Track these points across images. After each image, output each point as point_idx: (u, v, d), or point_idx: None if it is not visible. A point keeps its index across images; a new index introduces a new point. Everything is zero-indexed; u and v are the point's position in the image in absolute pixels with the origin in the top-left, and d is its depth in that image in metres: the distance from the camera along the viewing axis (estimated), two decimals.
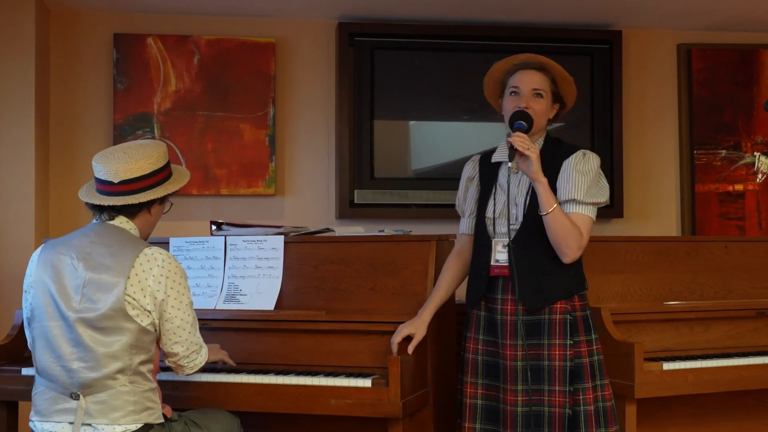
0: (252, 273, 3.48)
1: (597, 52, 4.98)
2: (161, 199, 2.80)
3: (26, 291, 2.76)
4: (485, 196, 3.06)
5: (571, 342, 2.93)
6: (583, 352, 2.95)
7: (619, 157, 4.95)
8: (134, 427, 2.63)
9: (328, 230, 3.66)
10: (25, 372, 3.23)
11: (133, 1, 4.55)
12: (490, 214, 3.01)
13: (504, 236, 2.96)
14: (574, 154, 2.97)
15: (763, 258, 3.92)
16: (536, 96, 2.98)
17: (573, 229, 2.89)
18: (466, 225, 3.17)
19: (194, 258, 3.56)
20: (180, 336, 2.72)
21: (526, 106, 2.94)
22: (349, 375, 3.09)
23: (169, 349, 2.75)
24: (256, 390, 3.10)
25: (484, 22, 4.87)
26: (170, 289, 2.68)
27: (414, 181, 4.84)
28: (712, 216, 5.09)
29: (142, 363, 2.67)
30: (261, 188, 4.73)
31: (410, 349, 3.03)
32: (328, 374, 3.11)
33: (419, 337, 3.05)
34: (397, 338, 3.04)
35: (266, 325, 3.31)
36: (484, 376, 3.02)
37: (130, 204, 2.72)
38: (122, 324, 2.63)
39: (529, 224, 2.94)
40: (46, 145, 4.53)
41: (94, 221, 2.78)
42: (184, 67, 4.68)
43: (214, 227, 3.67)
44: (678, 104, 5.15)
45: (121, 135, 4.57)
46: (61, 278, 2.67)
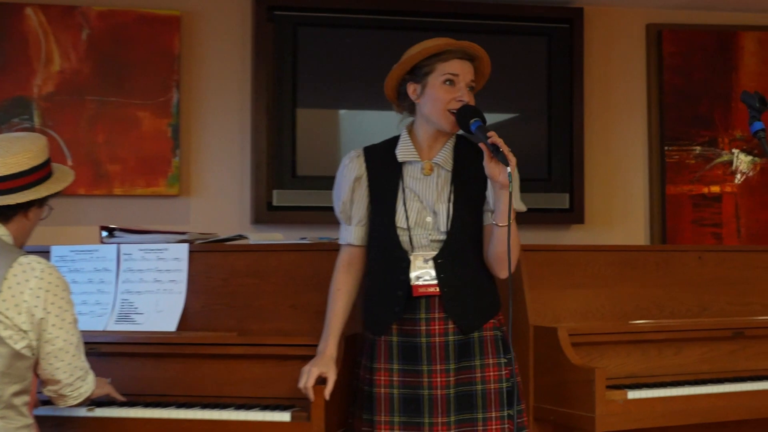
0: (150, 288, 3.45)
1: (555, 33, 5.04)
2: (41, 201, 2.77)
3: None
4: (385, 200, 3.05)
5: (505, 360, 3.01)
6: (516, 370, 3.05)
7: (579, 154, 5.03)
8: None
9: (242, 237, 3.65)
10: None
11: None
12: (402, 223, 3.01)
13: (425, 249, 2.99)
14: None
15: (742, 270, 4.00)
16: (470, 90, 3.03)
17: (519, 242, 3.01)
18: (353, 234, 3.12)
19: (80, 270, 3.51)
20: (62, 360, 2.69)
21: (467, 101, 2.98)
22: (264, 408, 3.07)
23: (49, 376, 2.71)
24: (154, 426, 3.06)
25: None
26: (51, 305, 2.65)
27: None
28: (685, 222, 5.19)
29: (16, 394, 2.63)
30: (162, 187, 4.69)
31: (327, 394, 2.99)
32: (239, 407, 3.08)
33: (333, 377, 3.01)
34: (309, 382, 2.99)
35: (167, 349, 3.27)
36: (401, 412, 2.99)
37: (4, 205, 2.68)
38: None
39: (458, 236, 2.98)
40: None
41: None
42: (71, 44, 4.62)
43: (105, 233, 3.63)
44: (647, 93, 5.25)
45: None
46: None
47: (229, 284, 3.45)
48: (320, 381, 3.00)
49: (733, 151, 5.25)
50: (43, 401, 2.86)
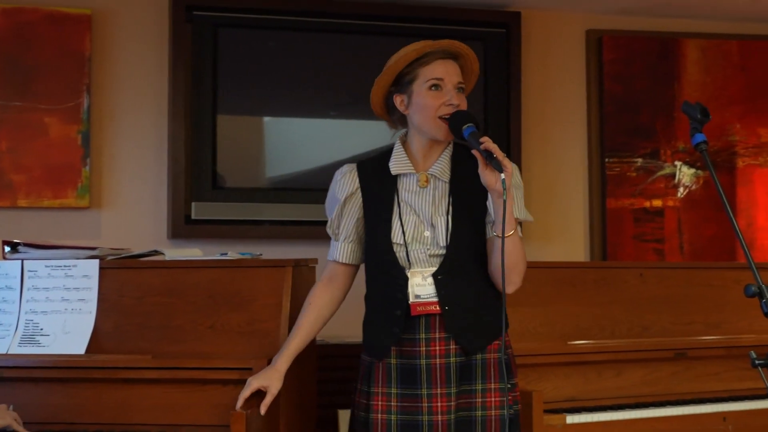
0: (57, 307, 3.41)
1: (490, 38, 5.09)
2: None
3: None
4: (380, 215, 3.05)
5: (509, 386, 2.99)
6: (518, 397, 3.04)
7: (516, 165, 5.04)
8: None
9: (157, 253, 3.63)
10: None
11: None
12: (398, 239, 3.00)
13: (423, 265, 2.99)
14: None
15: (685, 288, 4.08)
16: (460, 91, 3.02)
17: (524, 253, 2.99)
18: (340, 251, 3.14)
19: None
20: None
21: (458, 105, 2.97)
22: None
23: None
24: None
25: None
26: None
27: (268, 192, 4.84)
28: (626, 237, 5.27)
29: None
30: (71, 199, 4.64)
31: (263, 408, 3.01)
32: None
33: (274, 391, 3.03)
34: (245, 393, 3.02)
35: (75, 373, 3.24)
36: None
37: None
38: None
39: (458, 250, 2.97)
40: None
41: None
42: None
43: (7, 249, 3.58)
44: (587, 102, 5.33)
45: None
46: None
47: (143, 303, 3.42)
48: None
49: (676, 163, 5.35)
50: None
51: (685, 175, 5.35)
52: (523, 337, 3.75)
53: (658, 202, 5.32)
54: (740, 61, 5.43)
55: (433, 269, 2.97)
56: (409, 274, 2.99)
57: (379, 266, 3.05)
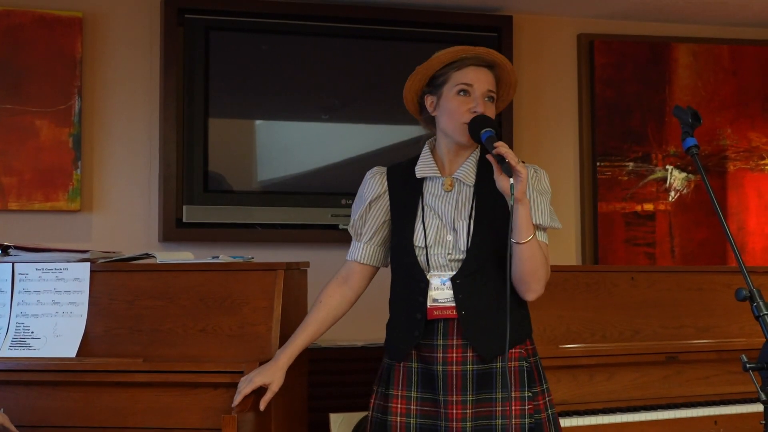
0: (48, 310, 3.41)
1: (483, 42, 5.05)
2: None
3: None
4: (405, 218, 3.05)
5: (530, 394, 2.96)
6: (541, 406, 2.99)
7: None
8: None
9: (148, 256, 3.62)
10: None
11: None
12: (420, 242, 2.99)
13: (443, 269, 2.98)
14: None
15: (675, 292, 4.09)
16: (489, 100, 3.01)
17: (545, 261, 2.96)
18: (360, 251, 3.14)
19: None
20: None
21: (483, 112, 2.96)
22: None
23: None
24: None
25: (348, 2, 4.92)
26: None
27: (259, 196, 4.84)
28: (618, 241, 5.28)
29: None
30: (62, 202, 4.63)
31: (263, 404, 3.02)
32: None
33: (275, 388, 3.04)
34: (247, 389, 3.02)
35: (66, 377, 3.24)
36: None
37: None
38: None
39: (478, 254, 2.95)
40: None
41: None
42: None
43: None
44: (578, 106, 5.34)
45: None
46: None
47: (135, 307, 3.42)
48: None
49: (667, 167, 5.36)
50: None
51: (677, 179, 5.37)
52: None
53: (649, 206, 5.34)
54: (731, 66, 5.45)
55: (452, 273, 2.96)
56: (429, 278, 2.98)
57: (402, 269, 3.05)
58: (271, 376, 3.05)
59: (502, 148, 2.81)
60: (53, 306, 3.41)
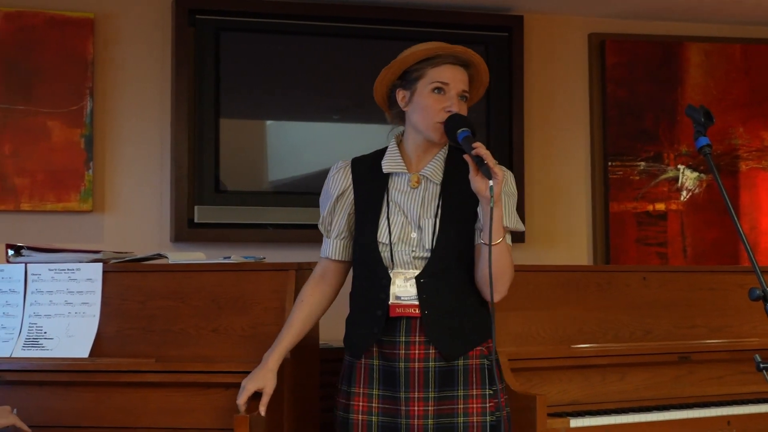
0: (61, 311, 3.42)
1: (493, 41, 5.10)
2: None
3: None
4: (369, 213, 3.05)
5: (491, 392, 2.98)
6: (502, 403, 2.99)
7: (519, 169, 5.08)
8: None
9: (160, 257, 3.63)
10: None
11: None
12: (384, 238, 2.99)
13: (407, 267, 2.98)
14: None
15: (687, 292, 4.09)
16: (462, 99, 3.01)
17: (512, 262, 2.96)
18: (331, 248, 3.14)
19: None
20: None
21: (457, 111, 2.96)
22: None
23: None
24: None
25: (359, 2, 4.93)
26: None
27: (270, 196, 4.84)
28: (629, 241, 5.27)
29: None
30: (74, 203, 4.64)
31: (262, 409, 3.01)
32: None
33: (269, 391, 3.04)
34: (242, 398, 3.02)
35: (78, 377, 3.24)
36: None
37: None
38: None
39: (443, 254, 2.96)
40: None
41: None
42: None
43: (11, 252, 3.59)
44: (590, 106, 5.33)
45: None
46: None
47: (147, 307, 3.43)
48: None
49: (679, 167, 5.35)
50: None
51: (688, 178, 5.35)
52: (526, 340, 3.76)
53: (661, 206, 5.33)
54: (743, 65, 5.44)
55: (417, 271, 2.96)
56: (392, 275, 2.98)
57: (364, 265, 3.05)
58: (262, 380, 3.04)
59: (482, 149, 2.80)
60: (66, 306, 3.43)
